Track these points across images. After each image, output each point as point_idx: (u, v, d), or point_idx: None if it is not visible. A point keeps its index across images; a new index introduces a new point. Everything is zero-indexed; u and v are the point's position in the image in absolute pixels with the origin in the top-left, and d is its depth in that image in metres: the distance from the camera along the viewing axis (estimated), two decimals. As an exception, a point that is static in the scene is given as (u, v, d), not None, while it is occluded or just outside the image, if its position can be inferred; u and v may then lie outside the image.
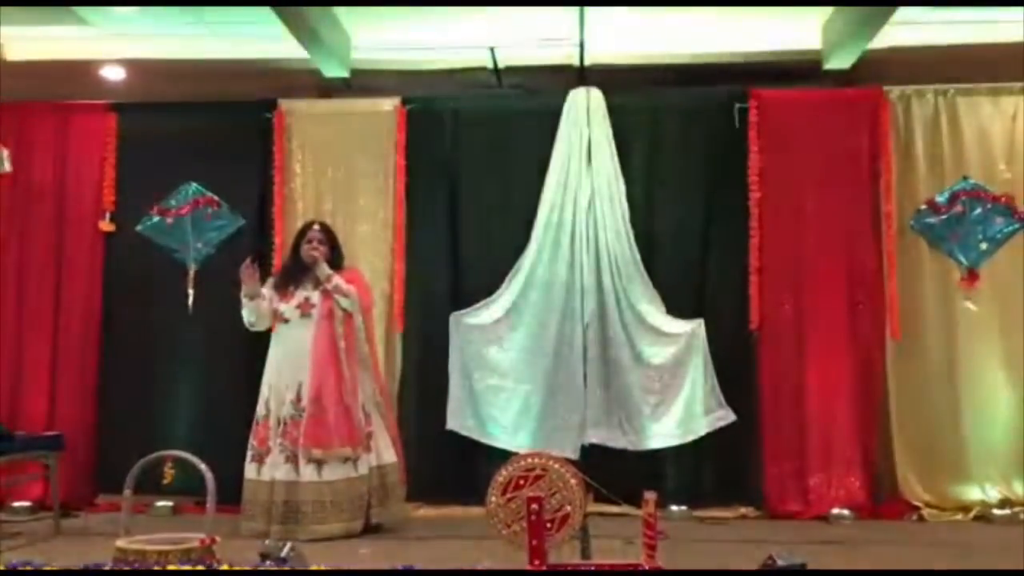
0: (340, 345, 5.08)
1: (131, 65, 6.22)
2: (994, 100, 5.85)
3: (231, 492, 4.93)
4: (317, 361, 5.02)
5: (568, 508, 3.73)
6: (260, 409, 5.09)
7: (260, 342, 5.27)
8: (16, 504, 5.67)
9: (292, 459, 4.94)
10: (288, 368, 5.05)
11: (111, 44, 6.03)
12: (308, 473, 4.90)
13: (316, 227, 5.25)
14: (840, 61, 5.87)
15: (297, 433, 4.95)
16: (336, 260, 5.23)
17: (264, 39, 5.79)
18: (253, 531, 4.84)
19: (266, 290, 5.21)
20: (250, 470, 5.02)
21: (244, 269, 5.13)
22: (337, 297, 5.11)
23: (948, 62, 5.86)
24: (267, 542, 4.02)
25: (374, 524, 5.06)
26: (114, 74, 6.30)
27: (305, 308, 5.11)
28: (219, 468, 4.05)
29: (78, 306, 6.04)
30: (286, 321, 5.11)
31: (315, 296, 5.13)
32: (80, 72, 6.19)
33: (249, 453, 5.06)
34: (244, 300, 5.16)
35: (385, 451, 5.19)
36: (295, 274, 5.20)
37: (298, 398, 5.00)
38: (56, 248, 6.10)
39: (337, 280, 5.13)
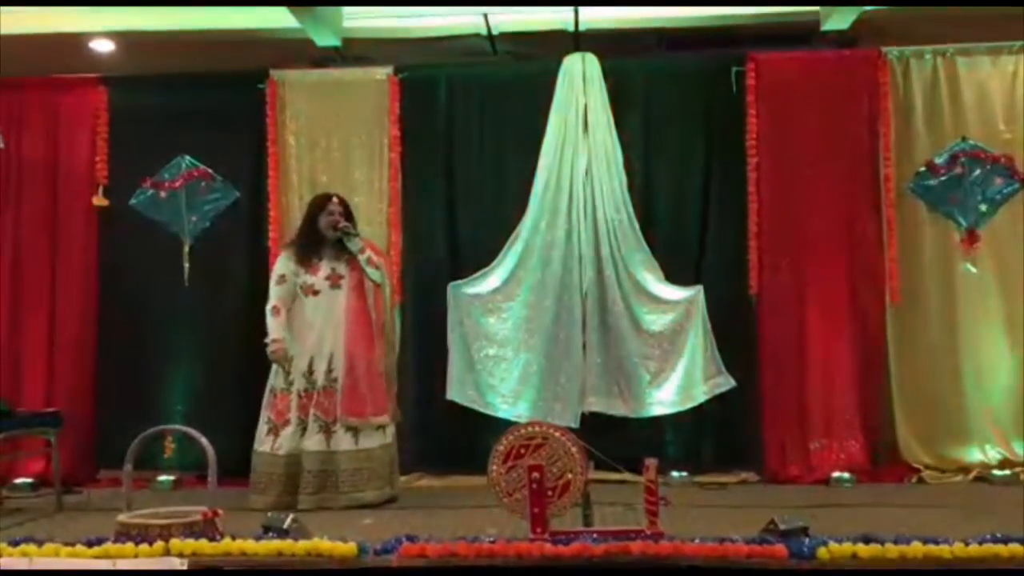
0: (372, 316, 5.10)
1: (120, 38, 6.16)
2: (993, 60, 5.80)
3: (232, 465, 4.93)
4: (351, 331, 5.03)
5: (569, 476, 3.73)
6: (279, 382, 5.05)
7: (257, 315, 5.22)
8: (18, 480, 5.68)
9: (325, 429, 4.95)
10: (319, 339, 5.03)
11: (99, 16, 5.95)
12: (345, 442, 4.92)
13: (335, 199, 5.21)
14: (838, 22, 5.80)
15: (329, 403, 4.96)
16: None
17: (254, 9, 5.71)
18: (263, 504, 4.83)
19: (282, 264, 5.15)
20: (265, 443, 5.00)
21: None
22: (369, 270, 5.11)
23: (947, 21, 5.80)
24: (269, 514, 4.02)
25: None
26: (103, 47, 6.25)
27: (335, 280, 5.10)
28: (219, 441, 4.04)
29: (74, 282, 6.02)
30: (316, 293, 5.09)
31: (342, 267, 5.12)
32: (69, 46, 6.13)
33: (264, 426, 5.03)
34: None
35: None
36: (316, 246, 5.16)
37: (329, 369, 5.00)
38: (50, 224, 6.07)
39: (370, 253, 5.15)
